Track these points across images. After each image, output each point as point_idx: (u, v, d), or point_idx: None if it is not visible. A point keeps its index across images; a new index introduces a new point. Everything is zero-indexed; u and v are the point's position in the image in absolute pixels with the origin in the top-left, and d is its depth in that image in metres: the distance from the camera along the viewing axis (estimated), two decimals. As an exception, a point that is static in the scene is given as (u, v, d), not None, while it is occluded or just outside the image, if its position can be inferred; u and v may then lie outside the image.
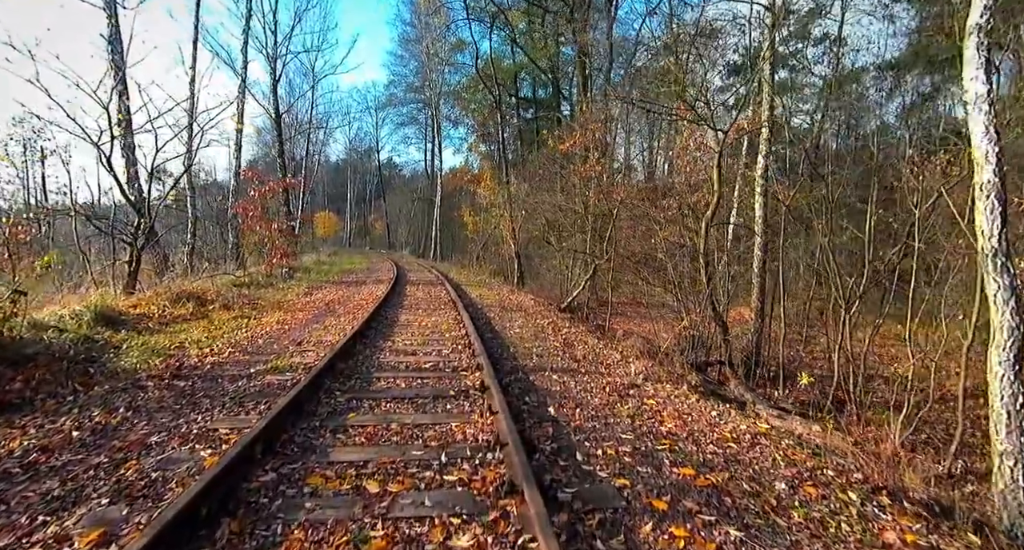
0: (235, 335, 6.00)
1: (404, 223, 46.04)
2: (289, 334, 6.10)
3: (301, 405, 3.24)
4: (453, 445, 2.77)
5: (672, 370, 5.21)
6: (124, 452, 2.62)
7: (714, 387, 5.30)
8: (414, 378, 4.10)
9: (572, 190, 11.48)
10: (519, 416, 3.24)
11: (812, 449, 3.19)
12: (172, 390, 3.74)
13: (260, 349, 5.24)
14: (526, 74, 29.59)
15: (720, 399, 4.84)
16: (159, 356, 4.87)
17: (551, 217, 12.17)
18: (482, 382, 3.87)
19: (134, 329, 6.03)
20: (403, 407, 3.41)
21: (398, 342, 5.59)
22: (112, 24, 12.29)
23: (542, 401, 3.66)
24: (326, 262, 21.02)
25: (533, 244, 18.19)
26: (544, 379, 4.28)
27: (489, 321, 7.41)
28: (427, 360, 4.73)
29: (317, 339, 5.72)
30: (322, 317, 7.47)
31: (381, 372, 4.28)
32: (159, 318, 6.70)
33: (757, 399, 4.96)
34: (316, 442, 2.77)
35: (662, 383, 4.47)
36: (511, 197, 16.75)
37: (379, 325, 6.66)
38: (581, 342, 6.26)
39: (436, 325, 6.79)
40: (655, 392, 4.13)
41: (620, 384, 4.27)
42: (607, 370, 4.81)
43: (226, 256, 13.26)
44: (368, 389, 3.80)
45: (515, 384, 4.07)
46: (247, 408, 3.31)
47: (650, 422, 3.36)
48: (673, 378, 4.81)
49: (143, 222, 7.75)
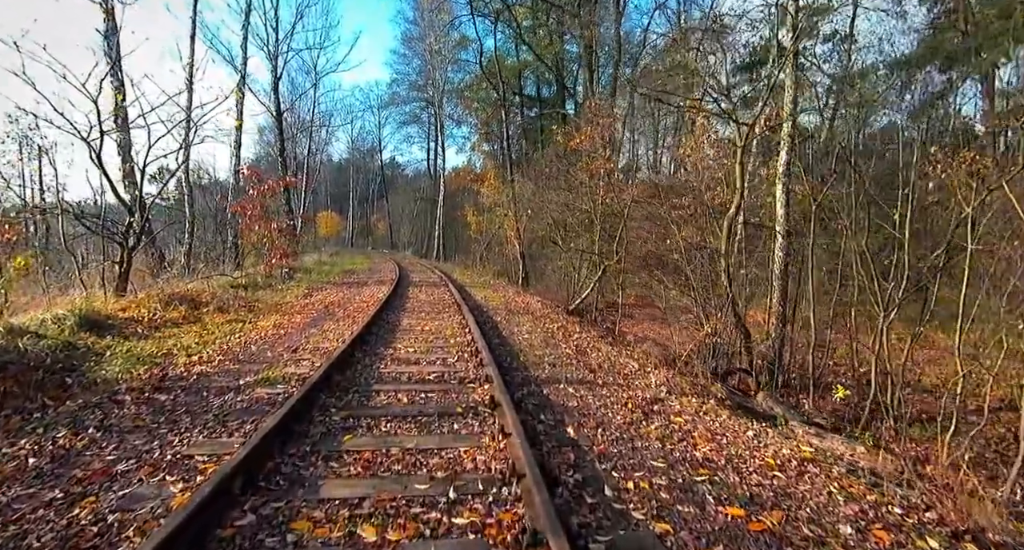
0: (228, 341, 5.66)
1: (407, 223, 45.74)
2: (285, 340, 5.75)
3: (291, 426, 2.89)
4: (462, 476, 2.41)
5: (695, 381, 4.84)
6: (84, 485, 2.27)
7: (740, 399, 4.93)
8: (417, 392, 3.75)
9: (580, 188, 11.11)
10: (535, 439, 2.88)
11: (868, 479, 2.82)
12: (151, 405, 3.39)
13: (252, 357, 4.90)
14: (530, 72, 29.24)
15: (749, 413, 4.47)
16: (144, 364, 4.53)
17: (558, 216, 11.81)
18: (492, 397, 3.51)
19: (121, 334, 5.70)
20: (405, 427, 3.05)
21: (400, 349, 5.24)
22: (108, 19, 12.00)
23: (559, 419, 3.30)
24: (327, 262, 20.71)
25: (537, 244, 17.84)
26: (559, 393, 3.92)
27: (496, 325, 7.06)
28: (431, 370, 4.37)
29: (314, 346, 5.37)
30: (321, 321, 7.13)
31: (381, 384, 3.92)
32: (149, 322, 6.37)
33: (788, 413, 4.59)
34: (305, 472, 2.42)
35: (687, 397, 4.10)
36: (516, 196, 16.38)
37: (380, 330, 6.31)
38: (594, 348, 5.90)
39: (440, 330, 6.43)
40: (681, 408, 3.77)
41: (642, 398, 3.91)
42: (626, 381, 4.44)
43: (224, 256, 12.94)
44: (366, 405, 3.45)
45: (528, 399, 3.71)
46: (230, 428, 2.96)
47: (682, 445, 2.99)
48: (697, 390, 4.44)
49: (135, 221, 7.42)
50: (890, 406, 4.69)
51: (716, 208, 7.56)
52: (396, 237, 47.01)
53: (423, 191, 42.18)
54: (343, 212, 51.76)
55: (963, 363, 4.02)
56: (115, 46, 11.97)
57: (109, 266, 7.49)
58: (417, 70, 34.88)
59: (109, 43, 11.99)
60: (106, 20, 12.06)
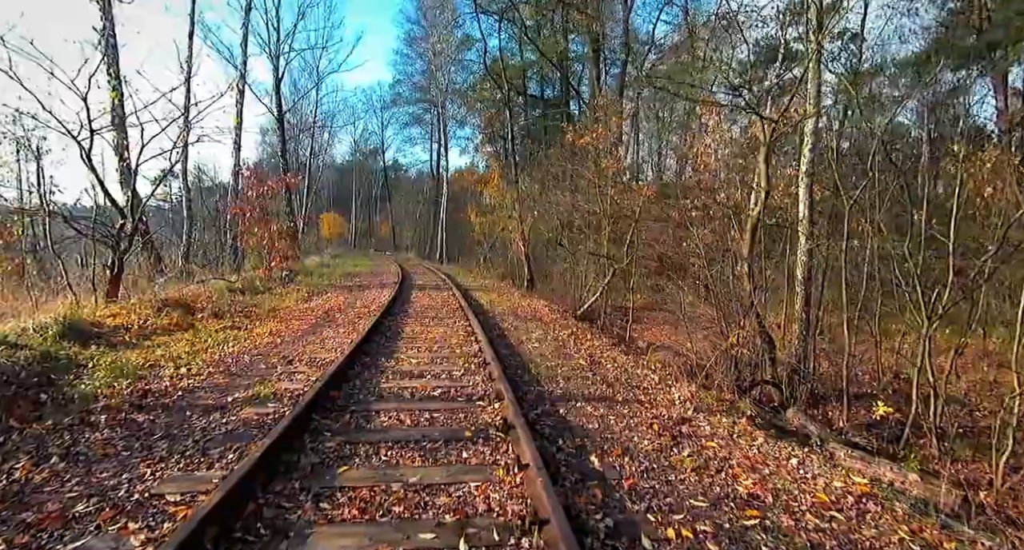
0: (220, 350, 5.33)
1: (409, 225, 45.49)
2: (280, 349, 5.42)
3: (278, 455, 2.55)
4: (475, 521, 2.07)
5: (721, 397, 4.49)
6: (30, 533, 1.94)
7: (769, 416, 4.56)
8: (421, 412, 3.40)
9: (588, 189, 10.76)
10: (556, 472, 2.54)
11: (938, 518, 2.46)
12: (127, 428, 3.06)
13: (245, 369, 4.57)
14: (534, 73, 28.94)
15: (780, 433, 4.11)
16: (127, 378, 4.20)
17: (564, 218, 11.46)
18: (504, 419, 3.17)
19: (108, 343, 5.39)
20: (408, 456, 2.71)
21: (402, 360, 4.90)
22: (106, 17, 11.75)
23: (580, 445, 2.95)
24: (329, 264, 20.41)
25: (542, 246, 17.50)
26: (577, 412, 3.57)
27: (503, 332, 6.71)
28: (436, 386, 4.03)
29: (311, 357, 5.04)
30: (320, 328, 6.80)
31: (382, 403, 3.58)
32: (139, 329, 6.05)
33: (823, 432, 4.22)
34: (291, 516, 2.08)
35: (715, 415, 3.75)
36: (520, 197, 16.05)
37: (381, 338, 5.98)
38: (608, 358, 5.54)
39: (445, 338, 6.09)
40: (712, 429, 3.41)
41: (668, 418, 3.56)
42: (647, 397, 4.09)
43: (222, 259, 12.66)
44: (365, 428, 3.11)
45: (544, 419, 3.37)
46: (211, 459, 2.63)
47: (721, 477, 2.64)
48: (725, 407, 4.08)
49: (126, 223, 7.12)
50: (934, 424, 4.32)
51: (730, 209, 7.20)
52: (399, 239, 46.76)
53: (426, 193, 41.92)
54: (346, 214, 51.57)
55: (1021, 379, 3.65)
56: (113, 46, 11.74)
57: (100, 270, 7.18)
58: (420, 71, 34.63)
59: (107, 42, 11.75)
60: (103, 18, 11.81)
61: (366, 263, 23.62)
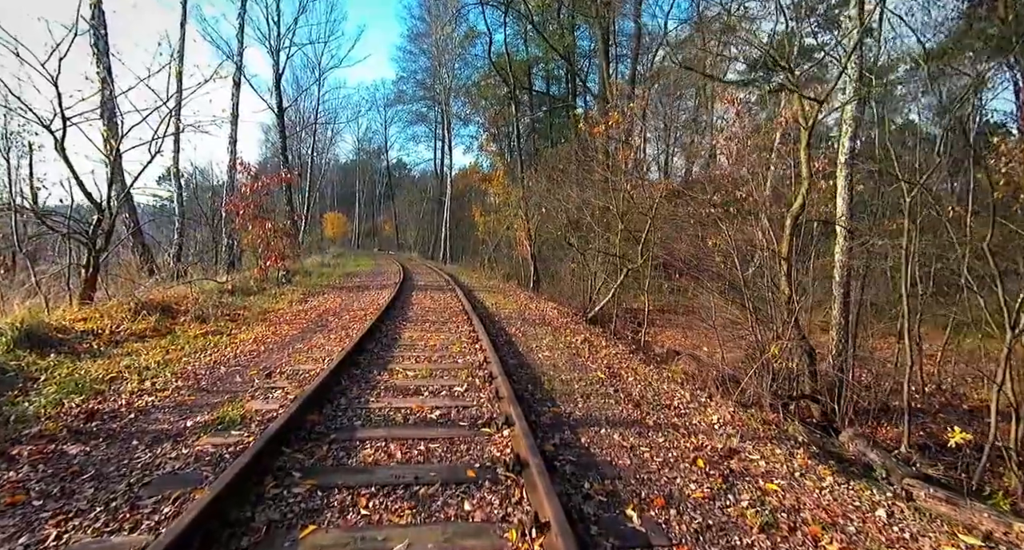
0: (195, 360, 4.78)
1: (413, 224, 45.00)
2: (262, 359, 4.86)
3: (225, 510, 1.97)
4: (479, 622, 1.48)
5: (763, 416, 3.88)
6: None
7: (820, 439, 3.95)
8: (415, 442, 2.82)
9: (599, 184, 10.14)
10: (586, 534, 1.95)
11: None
12: (52, 464, 2.50)
13: (217, 383, 4.01)
14: (539, 70, 28.36)
15: (838, 461, 3.50)
16: (81, 394, 3.65)
17: (573, 215, 10.85)
18: (516, 455, 2.58)
19: (71, 351, 4.85)
20: (395, 509, 2.13)
21: (397, 373, 4.32)
22: (95, 4, 11.26)
23: (611, 491, 2.36)
24: (330, 264, 19.90)
25: (548, 246, 16.92)
26: (603, 442, 2.98)
27: (510, 339, 6.13)
28: (435, 406, 3.44)
29: (294, 368, 4.47)
30: (310, 333, 6.24)
31: (369, 429, 3.00)
32: (110, 335, 5.51)
33: (889, 462, 3.60)
34: (227, 613, 1.50)
35: (765, 443, 3.15)
36: (527, 194, 15.46)
37: (376, 346, 5.40)
38: (629, 370, 4.95)
39: (446, 345, 5.52)
40: (767, 464, 2.81)
41: (712, 449, 2.96)
42: (681, 420, 3.49)
43: (218, 259, 12.15)
44: (345, 466, 2.53)
45: (564, 453, 2.77)
46: (140, 514, 2.05)
47: (798, 540, 2.04)
48: (773, 433, 3.48)
49: (103, 220, 6.59)
50: (1016, 451, 3.69)
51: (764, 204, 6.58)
52: (402, 238, 46.30)
53: (430, 191, 41.44)
54: (350, 214, 51.17)
55: None
56: (103, 36, 11.27)
57: (77, 270, 6.66)
58: (424, 68, 34.11)
59: (96, 33, 11.28)
60: (92, 6, 11.32)
61: (368, 263, 23.09)
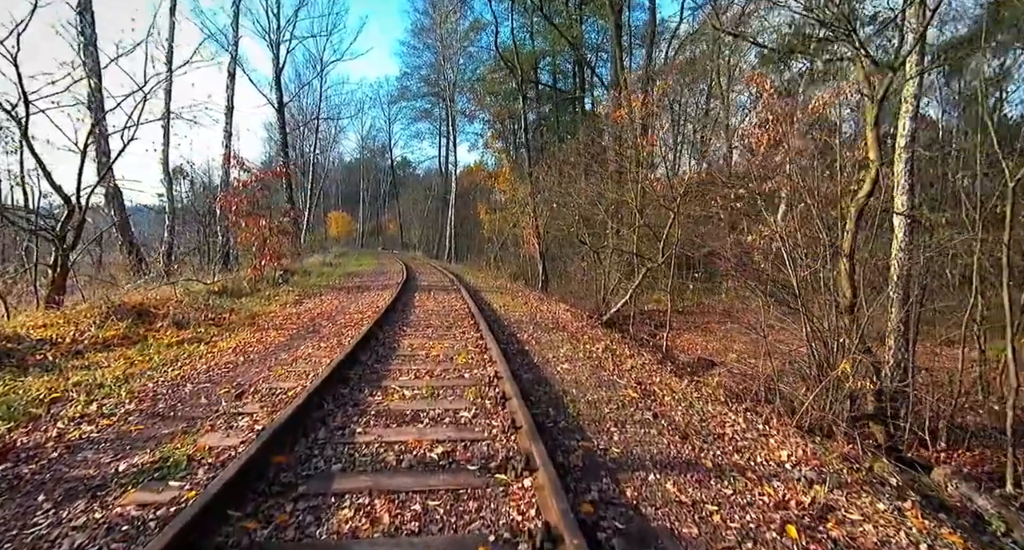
0: (160, 374, 4.13)
1: (417, 223, 44.43)
2: (238, 373, 4.20)
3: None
4: None
5: (836, 448, 3.16)
6: None
7: (914, 479, 3.24)
8: (409, 499, 2.14)
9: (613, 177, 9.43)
10: None
11: None
12: (-83, 535, 1.84)
13: (176, 407, 3.35)
14: (545, 64, 27.64)
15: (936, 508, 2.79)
16: (9, 420, 3.02)
17: (589, 211, 10.14)
18: (547, 525, 1.89)
19: (19, 364, 4.22)
20: (373, 624, 1.44)
21: (392, 392, 3.65)
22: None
23: (683, 583, 1.67)
24: (332, 263, 19.30)
25: (556, 244, 16.23)
26: (654, 495, 2.28)
27: (523, 348, 5.44)
28: (436, 440, 2.76)
29: (272, 386, 3.81)
30: (299, 340, 5.59)
31: (349, 477, 2.32)
32: (71, 344, 4.88)
33: (1005, 510, 2.89)
34: None
35: (859, 493, 2.44)
36: (534, 190, 14.77)
37: (370, 357, 4.73)
38: (662, 386, 4.24)
39: (451, 356, 4.84)
40: (876, 530, 2.10)
41: (799, 506, 2.26)
42: (744, 458, 2.78)
43: (210, 257, 11.55)
44: (310, 541, 1.84)
45: (607, 515, 2.08)
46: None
47: None
48: (858, 473, 2.76)
49: (73, 215, 5.96)
50: None
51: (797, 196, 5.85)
52: (407, 237, 45.74)
53: (434, 190, 40.84)
54: (354, 213, 50.66)
55: None
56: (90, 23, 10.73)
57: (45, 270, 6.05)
58: (428, 63, 33.44)
59: (83, 19, 10.72)
60: (79, -7, 10.73)
61: (371, 262, 22.48)
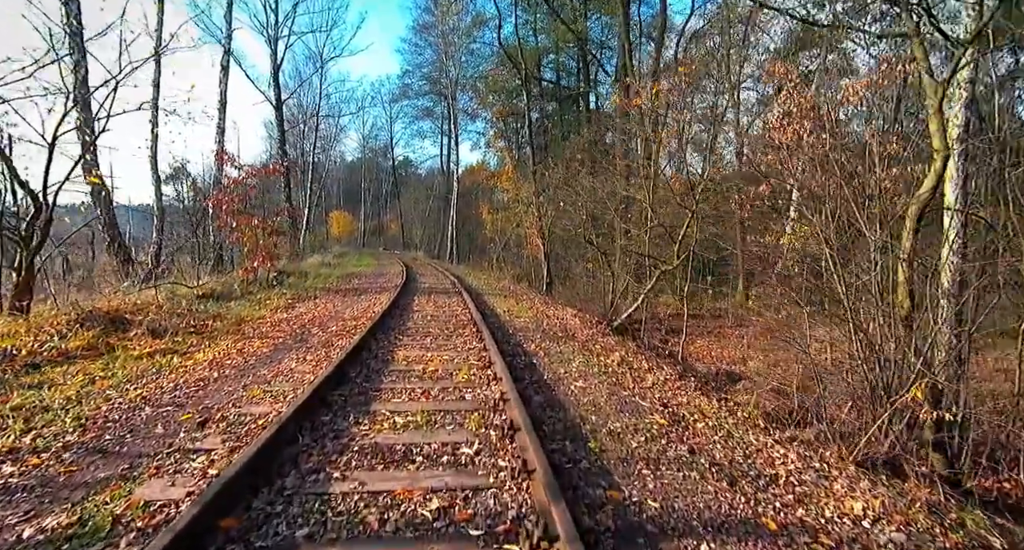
0: (120, 393, 3.62)
1: (419, 223, 43.94)
2: (208, 393, 3.69)
3: None
4: None
5: (924, 497, 2.63)
6: None
7: (1011, 533, 2.71)
8: (391, 586, 1.62)
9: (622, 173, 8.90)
10: None
11: None
12: None
13: (125, 438, 2.84)
14: (549, 61, 27.12)
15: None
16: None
17: (599, 209, 9.61)
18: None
19: (-40, 382, 3.72)
20: None
21: (381, 420, 3.12)
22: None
23: None
24: (331, 264, 18.82)
25: (561, 245, 15.71)
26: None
27: (531, 360, 4.92)
28: (431, 489, 2.24)
29: (242, 411, 3.29)
30: (283, 351, 5.08)
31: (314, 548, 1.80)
32: (27, 356, 4.37)
33: None
34: None
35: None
36: (539, 187, 14.25)
37: (360, 373, 4.21)
38: (692, 408, 3.71)
39: (451, 372, 4.31)
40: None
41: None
42: (808, 511, 2.25)
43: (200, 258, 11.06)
44: None
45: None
46: None
47: None
48: (953, 533, 2.24)
49: (41, 213, 5.47)
50: None
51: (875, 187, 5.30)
52: (408, 237, 45.27)
53: (436, 189, 40.35)
54: (356, 212, 50.24)
55: None
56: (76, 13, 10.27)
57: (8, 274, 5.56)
58: (430, 61, 32.95)
59: (69, 9, 10.26)
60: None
61: (371, 263, 21.99)
